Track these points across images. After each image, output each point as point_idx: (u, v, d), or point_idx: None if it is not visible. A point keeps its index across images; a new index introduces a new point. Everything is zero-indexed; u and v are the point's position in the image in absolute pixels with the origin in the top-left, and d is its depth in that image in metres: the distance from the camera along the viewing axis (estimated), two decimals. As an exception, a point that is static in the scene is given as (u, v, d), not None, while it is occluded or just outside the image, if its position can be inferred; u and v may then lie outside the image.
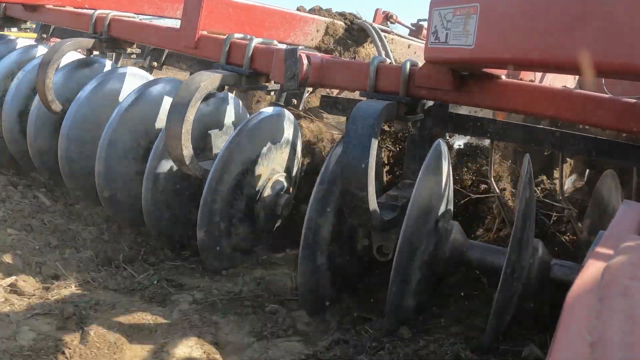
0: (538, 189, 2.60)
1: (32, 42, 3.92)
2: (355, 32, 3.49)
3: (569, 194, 2.56)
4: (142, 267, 2.57)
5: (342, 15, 3.71)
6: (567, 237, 2.43)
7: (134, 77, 3.16)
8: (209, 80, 2.41)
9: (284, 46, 2.56)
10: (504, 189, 2.54)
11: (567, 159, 3.13)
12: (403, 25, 6.31)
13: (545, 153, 3.14)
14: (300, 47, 2.33)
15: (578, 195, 2.76)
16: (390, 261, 2.02)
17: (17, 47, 3.70)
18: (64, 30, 4.06)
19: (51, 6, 3.74)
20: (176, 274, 2.54)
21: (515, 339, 2.00)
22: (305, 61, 2.33)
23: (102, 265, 2.55)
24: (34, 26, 4.39)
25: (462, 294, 2.30)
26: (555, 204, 2.47)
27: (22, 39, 4.00)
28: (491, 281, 2.28)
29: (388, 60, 2.27)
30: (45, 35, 4.19)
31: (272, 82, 2.64)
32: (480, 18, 1.69)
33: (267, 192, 2.62)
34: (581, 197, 2.67)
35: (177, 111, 2.32)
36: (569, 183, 3.12)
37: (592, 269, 0.84)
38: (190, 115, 2.32)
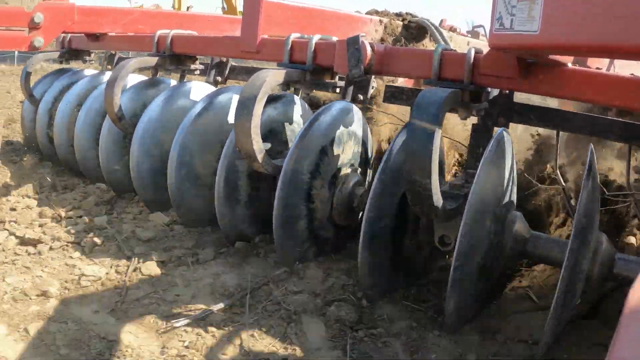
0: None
1: (99, 72, 4.15)
2: (414, 30, 3.52)
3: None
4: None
5: (399, 15, 3.75)
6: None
7: (200, 89, 3.29)
8: (273, 75, 2.45)
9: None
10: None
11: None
12: (464, 36, 6.41)
13: None
14: (362, 34, 2.36)
15: None
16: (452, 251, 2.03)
17: (85, 76, 3.93)
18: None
19: (114, 34, 3.94)
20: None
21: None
22: (368, 48, 2.35)
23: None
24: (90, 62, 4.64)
25: None
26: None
27: (88, 69, 4.25)
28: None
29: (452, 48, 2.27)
30: (110, 67, 4.39)
31: (337, 78, 2.67)
32: (546, 3, 1.68)
33: (342, 186, 2.58)
34: None
35: (245, 106, 2.35)
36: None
37: None
38: (258, 109, 2.35)
